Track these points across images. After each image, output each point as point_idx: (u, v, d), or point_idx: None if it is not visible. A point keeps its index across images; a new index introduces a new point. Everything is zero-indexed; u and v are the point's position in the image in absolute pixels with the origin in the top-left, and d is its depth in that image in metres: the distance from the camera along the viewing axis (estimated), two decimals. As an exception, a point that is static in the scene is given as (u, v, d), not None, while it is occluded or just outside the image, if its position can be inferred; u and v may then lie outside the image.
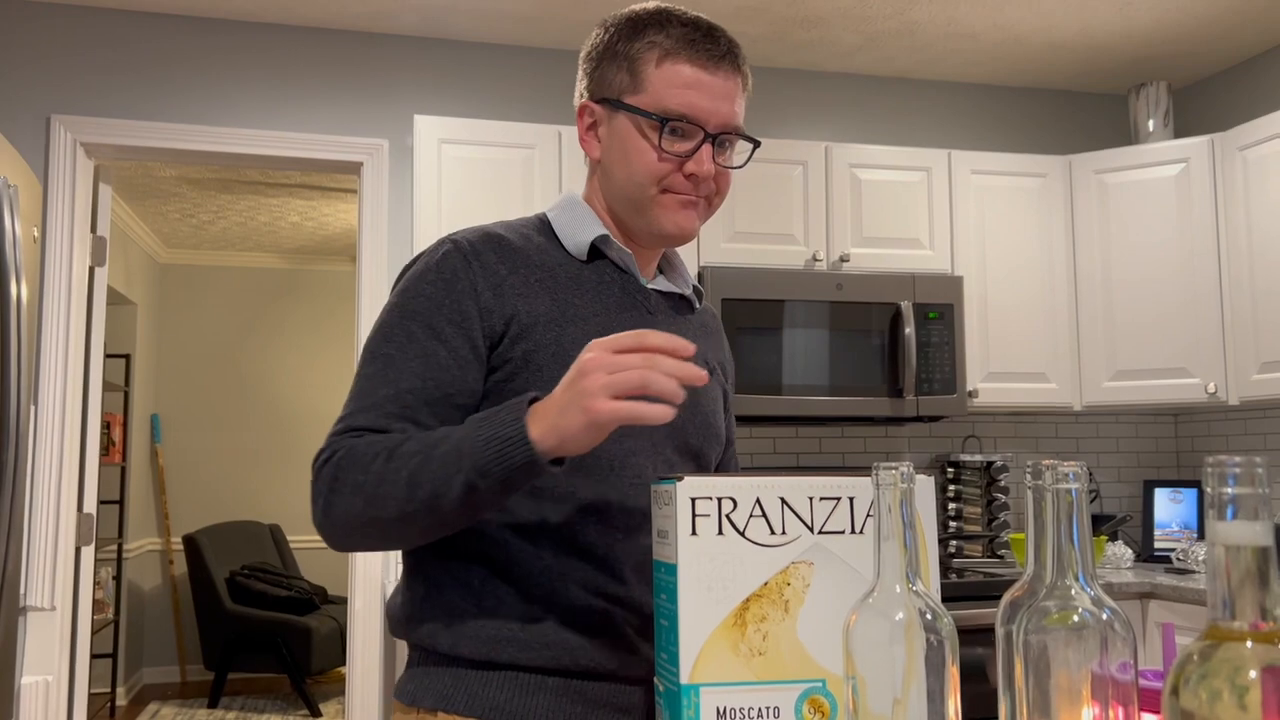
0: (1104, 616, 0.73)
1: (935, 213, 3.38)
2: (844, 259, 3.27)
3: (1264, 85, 3.61)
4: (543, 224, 1.28)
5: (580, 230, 1.26)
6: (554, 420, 0.99)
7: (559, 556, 1.14)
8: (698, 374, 0.96)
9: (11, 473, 1.97)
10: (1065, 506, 0.76)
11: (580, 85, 1.29)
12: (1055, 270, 3.45)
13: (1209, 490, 0.55)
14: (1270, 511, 0.53)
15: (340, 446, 1.10)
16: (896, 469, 0.78)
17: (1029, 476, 0.80)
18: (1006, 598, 0.83)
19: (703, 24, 1.22)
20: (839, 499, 0.95)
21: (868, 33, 3.44)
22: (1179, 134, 3.86)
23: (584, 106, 1.27)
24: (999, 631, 0.84)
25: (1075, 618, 0.74)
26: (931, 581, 0.97)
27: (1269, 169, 3.10)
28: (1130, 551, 3.35)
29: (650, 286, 1.29)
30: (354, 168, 3.36)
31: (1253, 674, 0.50)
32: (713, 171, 1.21)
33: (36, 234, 2.33)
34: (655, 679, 1.00)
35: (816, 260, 3.25)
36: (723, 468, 1.43)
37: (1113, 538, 3.49)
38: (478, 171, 3.04)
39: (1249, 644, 0.51)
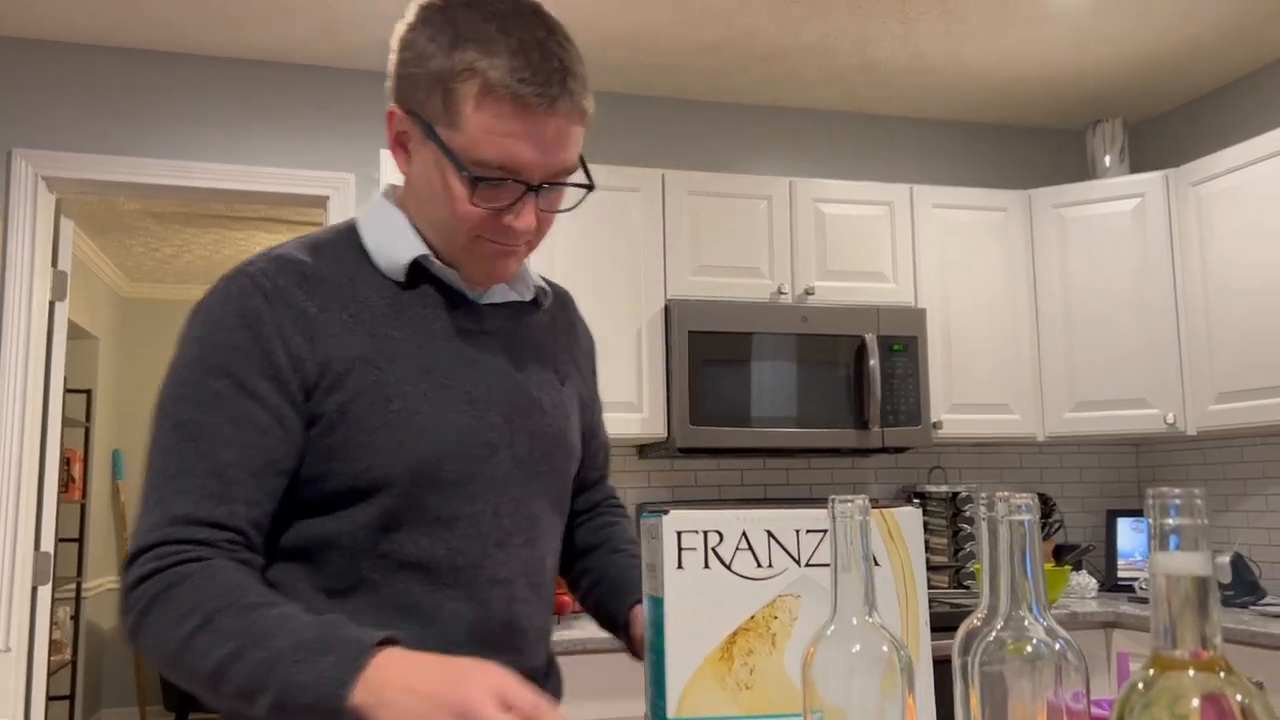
0: (1057, 647, 0.74)
1: (898, 246, 3.42)
2: (809, 292, 3.30)
3: (1216, 122, 3.70)
4: (355, 237, 1.11)
5: (396, 249, 1.09)
6: (385, 703, 0.82)
7: (380, 619, 1.01)
8: None
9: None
10: (1019, 538, 0.77)
11: (391, 80, 1.08)
12: (1017, 302, 3.50)
13: (1151, 521, 0.57)
14: (1210, 542, 0.54)
15: (161, 570, 0.94)
16: (853, 501, 0.79)
17: (983, 508, 0.81)
18: (962, 629, 0.84)
19: (535, 49, 1.00)
20: (826, 532, 0.95)
21: (830, 68, 3.50)
22: (1135, 169, 3.94)
23: (391, 113, 1.07)
24: (955, 662, 0.84)
25: (1029, 648, 0.74)
26: (921, 612, 0.97)
27: (1221, 204, 3.18)
28: (1094, 581, 3.38)
29: (484, 301, 1.14)
30: (320, 202, 3.36)
31: (1194, 702, 0.51)
32: (534, 225, 1.05)
33: (-4, 269, 2.31)
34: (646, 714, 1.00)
35: (782, 293, 3.28)
36: (585, 475, 1.31)
37: (1077, 567, 3.52)
38: (444, 206, 3.04)
39: (1191, 672, 0.53)
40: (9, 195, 3.07)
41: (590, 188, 1.08)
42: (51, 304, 3.20)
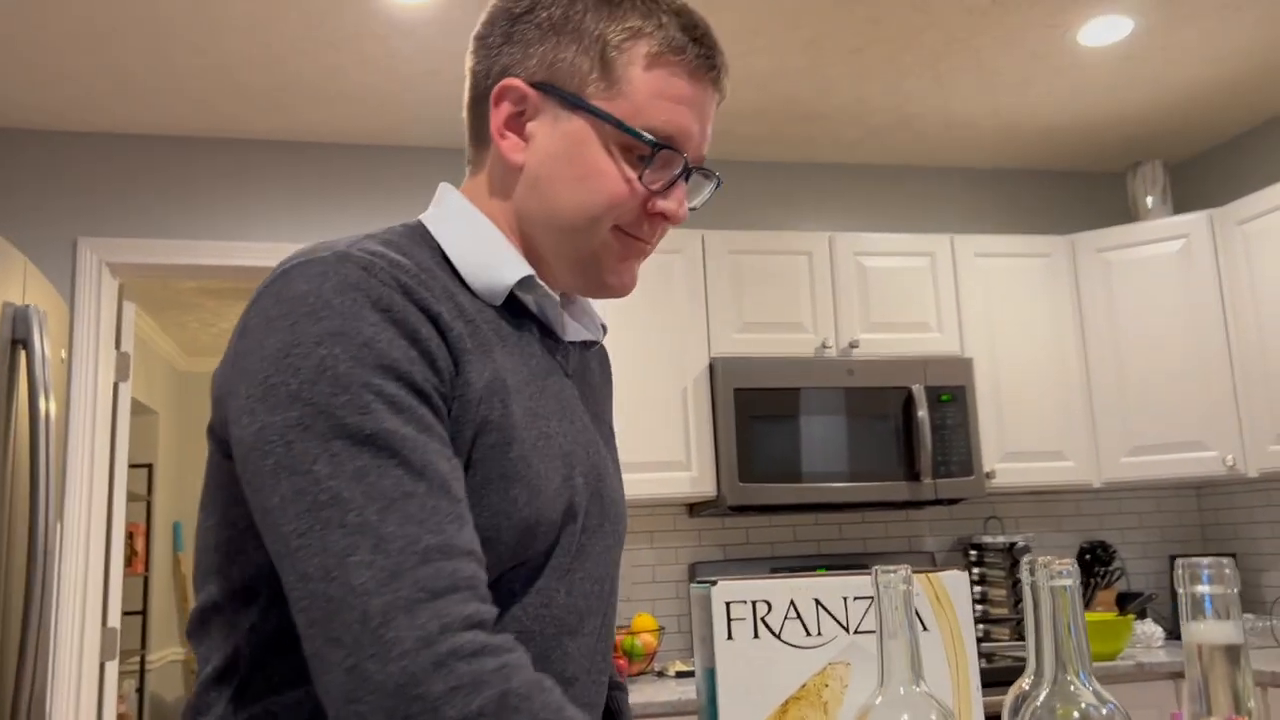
0: (1104, 711, 0.74)
1: (941, 296, 3.43)
2: (853, 345, 3.31)
3: (1257, 160, 3.68)
4: (431, 248, 0.89)
5: (495, 266, 0.88)
6: None
7: None
8: None
9: (40, 590, 2.00)
10: (1061, 603, 0.77)
11: (498, 53, 0.91)
12: (1065, 348, 3.48)
13: (1181, 591, 0.58)
14: (1240, 609, 0.56)
15: (505, 654, 0.71)
16: (895, 571, 0.80)
17: (1025, 573, 0.82)
18: (1012, 692, 0.84)
19: (690, 14, 0.91)
20: (873, 598, 0.97)
21: (867, 125, 3.54)
22: (1178, 209, 3.92)
23: (510, 88, 0.89)
24: (1007, 727, 0.85)
25: (1077, 713, 0.75)
26: (972, 676, 0.97)
27: (1269, 241, 3.14)
28: (1160, 629, 3.31)
29: (566, 339, 0.96)
30: (370, 275, 3.44)
31: (1232, 770, 0.52)
32: (683, 215, 0.92)
33: (64, 354, 2.40)
34: None
35: (826, 347, 3.30)
36: None
37: (1141, 616, 3.44)
38: (490, 275, 3.10)
39: (1229, 740, 0.53)
40: (74, 282, 3.20)
41: (720, 181, 0.96)
42: (116, 385, 3.30)
